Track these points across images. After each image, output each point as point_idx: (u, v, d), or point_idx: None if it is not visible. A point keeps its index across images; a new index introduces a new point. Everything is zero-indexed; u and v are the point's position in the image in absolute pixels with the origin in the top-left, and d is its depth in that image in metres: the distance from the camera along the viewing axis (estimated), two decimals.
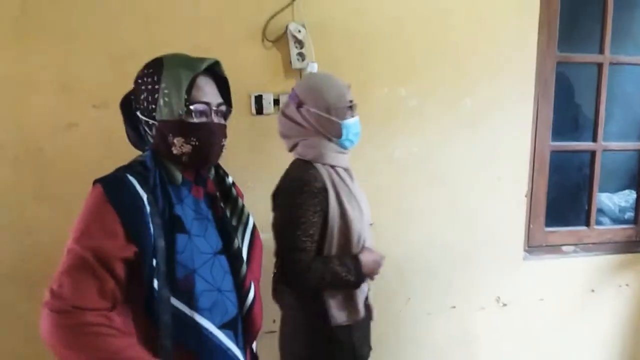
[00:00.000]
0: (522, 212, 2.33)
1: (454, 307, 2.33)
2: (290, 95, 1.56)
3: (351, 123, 1.53)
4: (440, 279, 2.29)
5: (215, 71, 1.20)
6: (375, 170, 2.16)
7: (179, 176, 1.16)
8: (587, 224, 2.47)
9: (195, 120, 1.14)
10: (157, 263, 1.05)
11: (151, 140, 1.16)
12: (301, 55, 1.99)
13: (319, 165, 1.50)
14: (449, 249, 2.27)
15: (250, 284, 1.25)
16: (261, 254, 1.34)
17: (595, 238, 2.48)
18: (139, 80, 1.15)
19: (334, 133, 1.52)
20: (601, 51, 2.34)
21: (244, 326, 1.23)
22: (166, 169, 1.15)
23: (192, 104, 1.13)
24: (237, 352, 1.18)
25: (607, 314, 2.49)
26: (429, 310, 2.30)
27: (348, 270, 1.48)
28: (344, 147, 1.56)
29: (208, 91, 1.17)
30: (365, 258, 1.52)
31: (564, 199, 2.64)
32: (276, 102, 2.02)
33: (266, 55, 2.01)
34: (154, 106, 1.12)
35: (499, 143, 2.24)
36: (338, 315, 1.52)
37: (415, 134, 2.18)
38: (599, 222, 2.61)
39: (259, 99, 2.00)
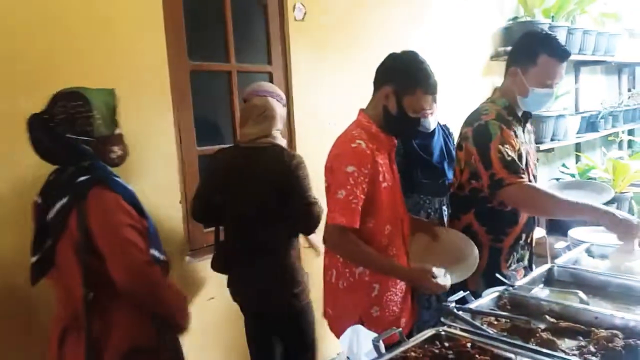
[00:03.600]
0: (180, 218, 2.39)
1: None
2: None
3: None
4: None
5: None
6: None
7: None
8: None
9: (119, 132, 1.63)
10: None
11: (92, 151, 1.54)
12: None
13: None
14: None
15: None
16: None
17: None
18: (72, 111, 1.51)
19: None
20: (228, 60, 2.58)
21: None
22: None
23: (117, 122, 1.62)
24: None
25: None
26: None
27: None
28: None
29: None
30: None
31: None
32: None
33: None
34: (90, 128, 1.53)
35: (145, 153, 2.22)
36: None
37: None
38: None
39: None
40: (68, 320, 1.56)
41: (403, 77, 1.75)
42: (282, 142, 2.14)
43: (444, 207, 2.53)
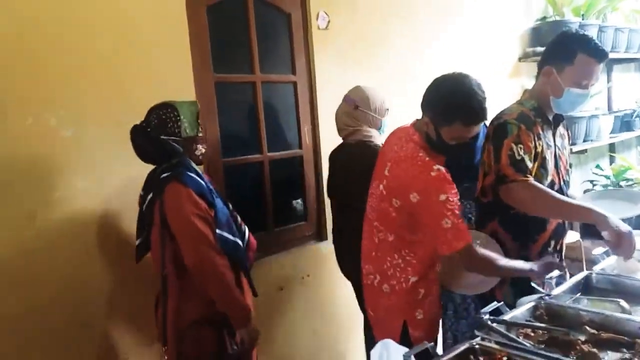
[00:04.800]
0: None
1: None
2: (347, 100, 2.43)
3: (385, 119, 2.45)
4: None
5: None
6: (38, 215, 1.92)
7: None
8: (265, 228, 2.69)
9: (202, 134, 1.96)
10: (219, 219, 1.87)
11: (182, 150, 1.87)
12: None
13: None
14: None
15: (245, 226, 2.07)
16: None
17: (277, 239, 2.73)
18: (164, 117, 1.86)
19: (376, 125, 2.42)
20: (252, 71, 2.59)
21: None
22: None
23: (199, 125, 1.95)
24: None
25: (297, 306, 2.77)
26: None
27: None
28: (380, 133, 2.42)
29: None
30: None
31: (246, 208, 2.77)
32: None
33: None
34: (178, 130, 1.86)
35: None
36: None
37: (79, 168, 2.00)
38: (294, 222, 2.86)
39: None
40: (159, 290, 1.91)
41: (440, 109, 1.75)
42: (368, 133, 2.39)
43: None
